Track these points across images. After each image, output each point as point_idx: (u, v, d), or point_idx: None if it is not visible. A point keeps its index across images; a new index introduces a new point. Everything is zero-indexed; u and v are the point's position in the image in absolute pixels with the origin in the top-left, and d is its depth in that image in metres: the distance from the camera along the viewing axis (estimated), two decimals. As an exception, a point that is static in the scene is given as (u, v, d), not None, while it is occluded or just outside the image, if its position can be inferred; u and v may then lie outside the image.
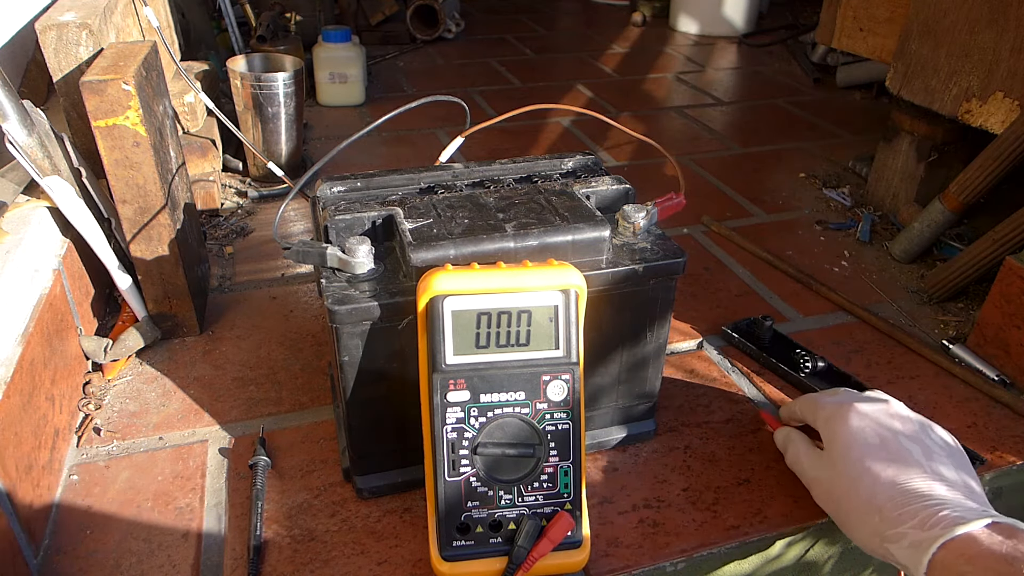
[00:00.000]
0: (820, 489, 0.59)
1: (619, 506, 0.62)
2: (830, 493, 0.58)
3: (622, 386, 0.64)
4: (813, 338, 0.84)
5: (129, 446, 0.66)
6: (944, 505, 0.51)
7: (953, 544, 0.48)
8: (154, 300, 0.77)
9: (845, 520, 0.56)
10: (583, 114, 0.95)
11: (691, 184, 1.20)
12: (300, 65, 1.12)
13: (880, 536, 0.53)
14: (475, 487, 0.52)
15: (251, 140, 1.11)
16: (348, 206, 0.59)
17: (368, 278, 0.55)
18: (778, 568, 0.64)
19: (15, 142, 0.66)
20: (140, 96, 0.66)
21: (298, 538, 0.58)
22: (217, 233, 1.01)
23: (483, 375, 0.51)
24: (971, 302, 0.90)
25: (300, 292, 0.89)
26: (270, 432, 0.68)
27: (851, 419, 0.58)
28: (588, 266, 0.56)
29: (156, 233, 0.73)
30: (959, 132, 1.02)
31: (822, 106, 1.58)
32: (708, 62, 1.89)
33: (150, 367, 0.76)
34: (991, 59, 0.90)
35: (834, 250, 1.02)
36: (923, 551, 0.49)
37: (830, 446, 0.59)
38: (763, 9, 2.24)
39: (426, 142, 1.34)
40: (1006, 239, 0.82)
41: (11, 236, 0.67)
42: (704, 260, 0.99)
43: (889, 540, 0.52)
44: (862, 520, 0.54)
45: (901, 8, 1.05)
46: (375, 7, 2.03)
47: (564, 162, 0.68)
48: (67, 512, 0.60)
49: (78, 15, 0.74)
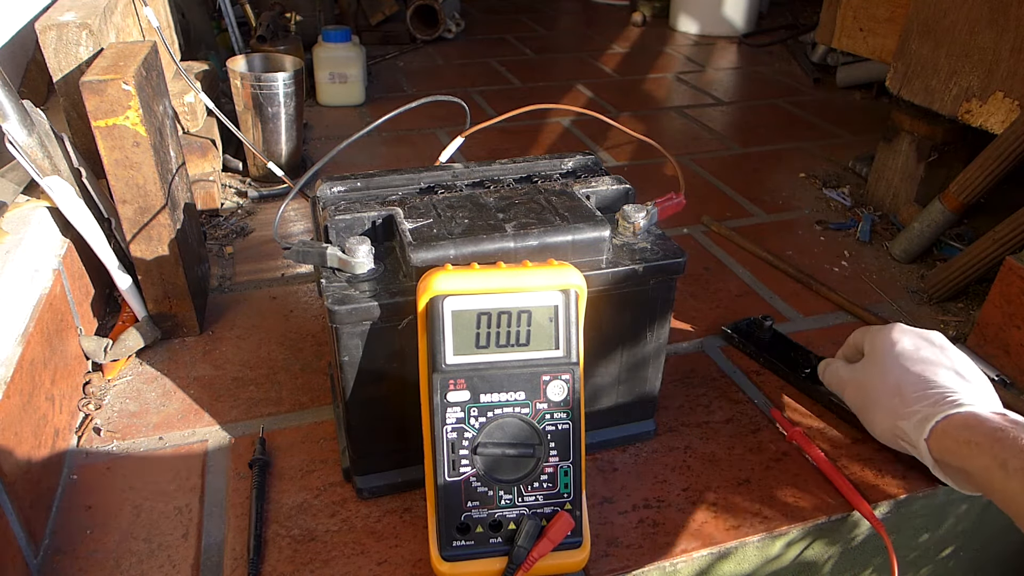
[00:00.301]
0: (852, 387, 0.65)
1: (619, 506, 0.62)
2: (860, 386, 0.64)
3: (622, 386, 0.64)
4: (813, 338, 0.84)
5: (129, 446, 0.66)
6: (956, 393, 0.57)
7: (956, 416, 0.55)
8: (154, 300, 0.77)
9: (868, 407, 0.63)
10: (583, 114, 0.96)
11: (691, 184, 1.20)
12: (300, 65, 1.12)
13: (895, 416, 0.59)
14: (475, 487, 0.52)
15: (251, 140, 1.11)
16: (348, 206, 0.59)
17: (368, 278, 0.55)
18: (778, 568, 0.64)
19: (15, 142, 0.66)
20: (140, 96, 0.66)
21: (298, 538, 0.58)
22: (217, 233, 1.01)
23: (483, 375, 0.51)
24: (971, 302, 0.90)
25: (300, 292, 0.89)
26: (270, 432, 0.68)
27: (894, 330, 0.64)
28: (588, 266, 0.56)
29: (156, 233, 0.73)
30: (959, 132, 1.02)
31: (822, 106, 1.58)
32: (708, 62, 1.89)
33: (150, 367, 0.76)
34: (991, 59, 0.90)
35: (834, 250, 1.02)
36: (928, 421, 0.56)
37: (871, 350, 0.65)
38: (763, 9, 2.24)
39: (426, 142, 1.34)
40: (1006, 239, 0.82)
41: (11, 236, 0.67)
42: (704, 260, 0.99)
43: (902, 418, 0.58)
44: (883, 403, 0.61)
45: (901, 8, 1.06)
46: (375, 7, 2.03)
47: (564, 162, 0.68)
48: (67, 512, 0.60)
49: (78, 15, 0.74)
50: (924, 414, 0.57)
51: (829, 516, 0.61)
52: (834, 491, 0.63)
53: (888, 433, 0.61)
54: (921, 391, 0.58)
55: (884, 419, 0.61)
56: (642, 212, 0.61)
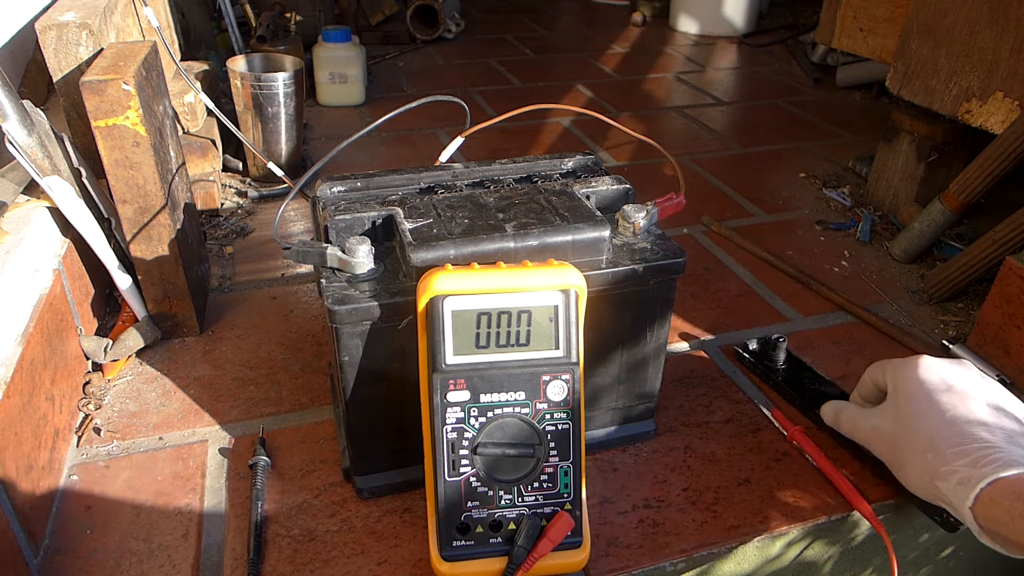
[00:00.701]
0: (878, 435, 0.59)
1: (619, 506, 0.62)
2: (888, 437, 0.58)
3: (622, 386, 0.64)
4: (813, 338, 0.84)
5: (129, 446, 0.66)
6: (1000, 450, 0.50)
7: (1003, 482, 0.48)
8: (154, 300, 0.77)
9: (899, 461, 0.57)
10: (583, 114, 0.96)
11: (691, 184, 1.20)
12: (300, 65, 1.12)
13: (931, 474, 0.52)
14: (475, 487, 0.52)
15: (251, 140, 1.11)
16: (348, 206, 0.59)
17: (368, 278, 0.55)
18: (777, 568, 0.64)
19: (15, 142, 0.66)
20: (140, 96, 0.66)
21: (298, 538, 0.58)
22: (217, 233, 1.01)
23: (483, 375, 0.51)
24: (971, 302, 0.90)
25: (300, 292, 0.89)
26: (270, 432, 0.68)
27: (920, 367, 0.58)
28: (588, 266, 0.56)
29: (156, 233, 0.73)
30: (959, 132, 1.02)
31: (822, 106, 1.58)
32: (708, 62, 1.89)
33: (150, 367, 0.76)
34: (991, 59, 0.90)
35: (834, 250, 1.02)
36: (971, 487, 0.49)
37: (895, 391, 0.58)
38: (763, 9, 2.23)
39: (426, 142, 1.34)
40: (1006, 239, 0.82)
41: (11, 236, 0.67)
42: (704, 260, 0.99)
43: (939, 477, 0.52)
44: (915, 459, 0.54)
45: (901, 8, 1.06)
46: (375, 7, 2.03)
47: (564, 162, 0.68)
48: (67, 512, 0.60)
49: (78, 15, 0.73)
50: (963, 475, 0.50)
51: (829, 516, 0.61)
52: (834, 491, 0.63)
53: (926, 492, 0.55)
54: (956, 447, 0.51)
55: (916, 475, 0.54)
56: (642, 212, 0.61)
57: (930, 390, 0.56)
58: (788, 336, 0.77)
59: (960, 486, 0.50)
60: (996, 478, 0.48)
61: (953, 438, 0.52)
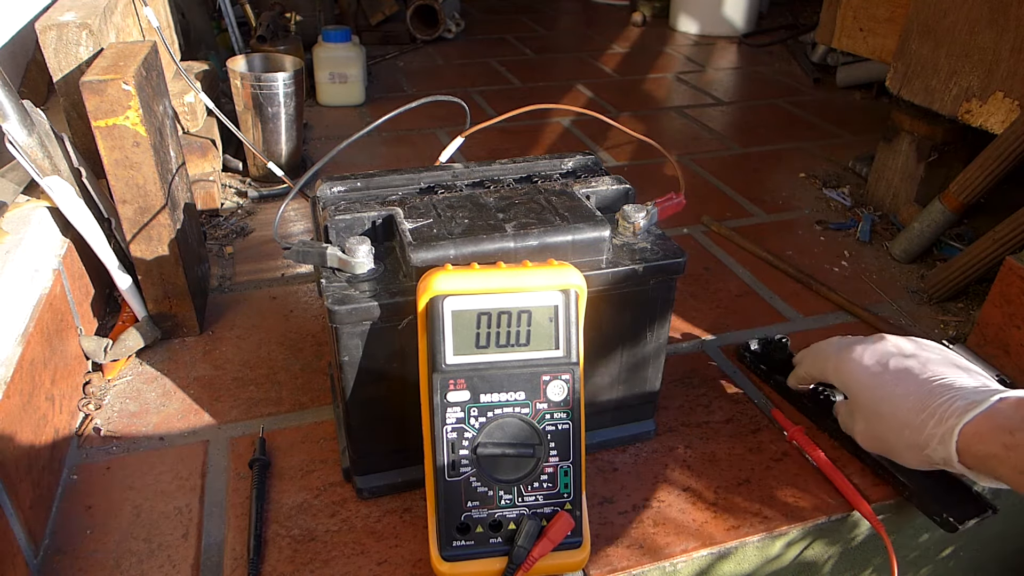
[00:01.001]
0: (865, 436, 0.62)
1: (619, 506, 0.62)
2: (872, 435, 0.61)
3: (622, 386, 0.64)
4: (813, 338, 0.83)
5: (129, 446, 0.66)
6: (952, 396, 0.54)
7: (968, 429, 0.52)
8: (154, 300, 0.77)
9: (891, 449, 0.59)
10: (583, 114, 0.95)
11: (691, 184, 1.20)
12: (300, 65, 1.12)
13: (917, 447, 0.56)
14: (475, 487, 0.52)
15: (251, 140, 1.11)
16: (348, 206, 0.59)
17: (368, 278, 0.55)
18: (778, 568, 0.64)
19: (15, 142, 0.66)
20: (140, 96, 0.66)
21: (298, 538, 0.58)
22: (217, 233, 1.01)
23: (483, 375, 0.51)
24: (971, 302, 0.90)
25: (300, 292, 0.89)
26: (270, 432, 0.68)
27: (851, 362, 0.62)
28: (588, 266, 0.56)
29: (156, 233, 0.73)
30: (959, 132, 1.02)
31: (822, 106, 1.58)
32: (708, 62, 1.89)
33: (150, 367, 0.76)
34: (991, 59, 0.90)
35: (834, 250, 1.02)
36: (948, 443, 0.53)
37: (849, 394, 0.63)
38: (763, 9, 2.23)
39: (426, 142, 1.34)
40: (1006, 239, 0.82)
41: (11, 236, 0.67)
42: (704, 260, 0.99)
43: (924, 446, 0.55)
44: (900, 441, 0.57)
45: (901, 8, 1.06)
46: (375, 7, 2.03)
47: (564, 162, 0.68)
48: (67, 512, 0.60)
49: (78, 15, 0.74)
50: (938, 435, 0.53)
51: (829, 516, 0.62)
52: (834, 491, 0.63)
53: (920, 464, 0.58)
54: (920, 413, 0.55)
55: (910, 455, 0.57)
56: (642, 212, 0.61)
57: (872, 378, 0.60)
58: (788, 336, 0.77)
59: (941, 445, 0.53)
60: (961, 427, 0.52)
61: (914, 407, 0.56)
